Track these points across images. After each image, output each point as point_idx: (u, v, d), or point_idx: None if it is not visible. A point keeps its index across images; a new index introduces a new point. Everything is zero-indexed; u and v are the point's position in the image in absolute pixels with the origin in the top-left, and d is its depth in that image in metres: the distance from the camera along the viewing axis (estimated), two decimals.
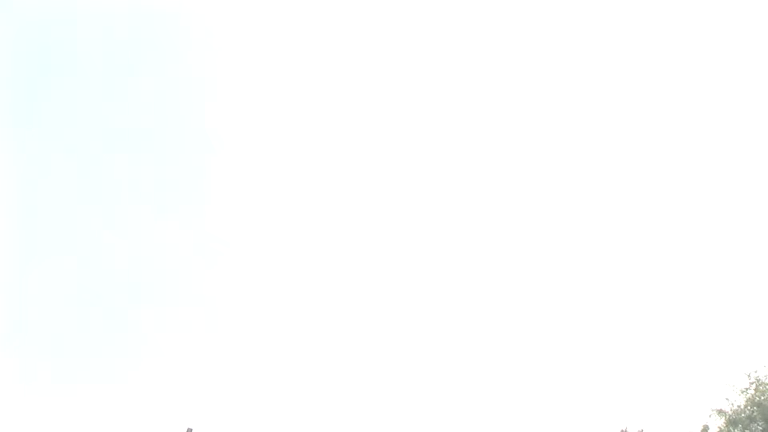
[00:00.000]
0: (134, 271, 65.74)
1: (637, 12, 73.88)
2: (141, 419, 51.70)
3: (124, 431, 55.18)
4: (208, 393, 51.04)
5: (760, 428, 35.78)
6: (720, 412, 37.43)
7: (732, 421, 36.75)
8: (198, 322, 64.31)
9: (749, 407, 36.69)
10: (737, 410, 37.07)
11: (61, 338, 59.46)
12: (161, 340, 62.04)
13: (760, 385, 36.77)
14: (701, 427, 33.82)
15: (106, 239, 66.91)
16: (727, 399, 37.56)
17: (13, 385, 49.36)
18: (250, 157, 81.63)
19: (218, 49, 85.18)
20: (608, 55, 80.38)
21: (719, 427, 35.61)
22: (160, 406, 51.96)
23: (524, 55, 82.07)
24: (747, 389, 36.95)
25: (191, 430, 18.52)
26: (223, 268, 72.47)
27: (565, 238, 73.03)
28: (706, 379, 57.82)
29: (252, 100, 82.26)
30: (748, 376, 37.01)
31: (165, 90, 79.44)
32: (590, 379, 56.52)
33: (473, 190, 79.56)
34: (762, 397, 36.37)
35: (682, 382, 51.66)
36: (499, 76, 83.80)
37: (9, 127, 56.37)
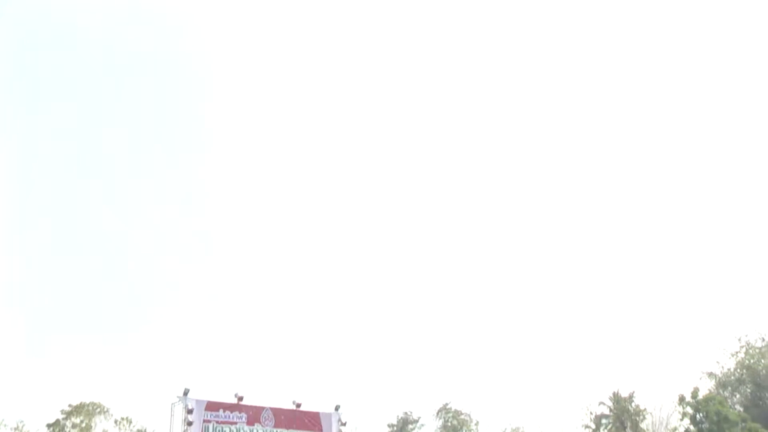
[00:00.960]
0: (135, 249, 66.56)
1: (637, 12, 73.28)
2: (142, 382, 52.40)
3: (126, 392, 56.02)
4: (203, 358, 51.71)
5: (749, 390, 36.28)
6: (710, 374, 37.96)
7: (722, 384, 37.26)
8: (194, 295, 65.02)
9: (739, 370, 37.23)
10: (727, 373, 37.61)
11: (65, 307, 59.95)
12: (160, 310, 62.66)
13: (750, 348, 37.25)
14: (692, 390, 34.19)
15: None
16: (717, 362, 38.17)
17: (17, 349, 50.03)
18: (246, 154, 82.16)
19: (217, 48, 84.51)
20: (608, 56, 79.87)
21: (709, 390, 36.07)
22: (159, 370, 52.61)
23: (524, 56, 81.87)
24: (737, 353, 37.51)
25: (188, 390, 18.90)
26: (217, 247, 73.17)
27: (556, 210, 73.49)
28: (697, 342, 58.55)
29: (249, 99, 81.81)
30: (739, 339, 37.59)
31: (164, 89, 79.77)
32: (583, 344, 57.01)
33: (461, 162, 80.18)
34: (752, 361, 36.89)
35: (673, 345, 52.20)
36: (497, 76, 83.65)
37: (11, 119, 56.57)
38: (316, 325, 59.46)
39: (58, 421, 40.91)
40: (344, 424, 21.89)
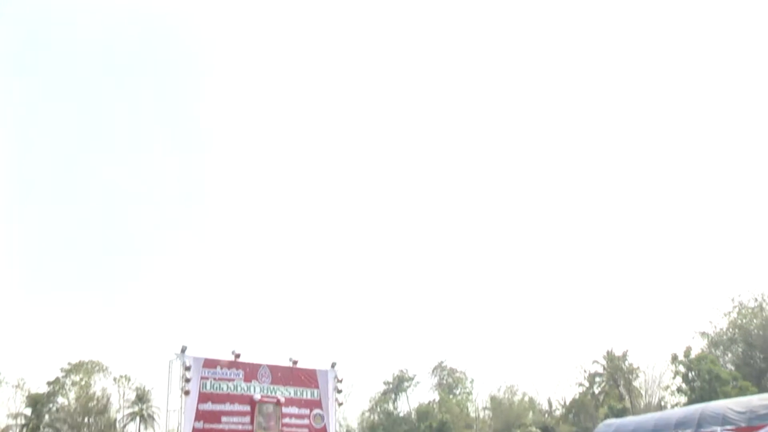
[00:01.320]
0: (133, 215, 66.79)
1: (637, 12, 71.95)
2: (140, 341, 52.98)
3: (125, 351, 56.68)
4: (201, 316, 52.16)
5: (741, 350, 36.61)
6: (703, 334, 38.17)
7: (714, 343, 37.56)
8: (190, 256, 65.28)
9: (731, 329, 37.46)
10: (719, 332, 37.85)
11: (65, 263, 60.32)
12: (157, 270, 62.98)
13: (742, 308, 37.40)
14: (684, 349, 34.52)
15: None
16: (710, 322, 38.31)
17: (18, 309, 50.41)
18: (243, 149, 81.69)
19: (216, 48, 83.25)
20: (608, 56, 78.68)
21: (702, 349, 36.37)
22: (156, 329, 53.13)
23: (524, 56, 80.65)
24: (730, 312, 37.64)
25: (185, 347, 18.99)
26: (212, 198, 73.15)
27: (551, 176, 73.42)
28: (690, 302, 59.10)
29: (249, 99, 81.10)
30: (732, 299, 37.66)
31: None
32: (577, 303, 57.55)
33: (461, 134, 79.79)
34: (744, 320, 37.10)
35: (666, 305, 52.68)
36: (497, 76, 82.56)
37: (11, 119, 56.01)
38: (313, 284, 59.80)
39: (58, 378, 41.45)
40: (340, 381, 22.03)
